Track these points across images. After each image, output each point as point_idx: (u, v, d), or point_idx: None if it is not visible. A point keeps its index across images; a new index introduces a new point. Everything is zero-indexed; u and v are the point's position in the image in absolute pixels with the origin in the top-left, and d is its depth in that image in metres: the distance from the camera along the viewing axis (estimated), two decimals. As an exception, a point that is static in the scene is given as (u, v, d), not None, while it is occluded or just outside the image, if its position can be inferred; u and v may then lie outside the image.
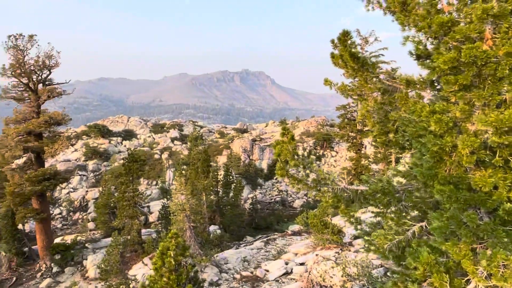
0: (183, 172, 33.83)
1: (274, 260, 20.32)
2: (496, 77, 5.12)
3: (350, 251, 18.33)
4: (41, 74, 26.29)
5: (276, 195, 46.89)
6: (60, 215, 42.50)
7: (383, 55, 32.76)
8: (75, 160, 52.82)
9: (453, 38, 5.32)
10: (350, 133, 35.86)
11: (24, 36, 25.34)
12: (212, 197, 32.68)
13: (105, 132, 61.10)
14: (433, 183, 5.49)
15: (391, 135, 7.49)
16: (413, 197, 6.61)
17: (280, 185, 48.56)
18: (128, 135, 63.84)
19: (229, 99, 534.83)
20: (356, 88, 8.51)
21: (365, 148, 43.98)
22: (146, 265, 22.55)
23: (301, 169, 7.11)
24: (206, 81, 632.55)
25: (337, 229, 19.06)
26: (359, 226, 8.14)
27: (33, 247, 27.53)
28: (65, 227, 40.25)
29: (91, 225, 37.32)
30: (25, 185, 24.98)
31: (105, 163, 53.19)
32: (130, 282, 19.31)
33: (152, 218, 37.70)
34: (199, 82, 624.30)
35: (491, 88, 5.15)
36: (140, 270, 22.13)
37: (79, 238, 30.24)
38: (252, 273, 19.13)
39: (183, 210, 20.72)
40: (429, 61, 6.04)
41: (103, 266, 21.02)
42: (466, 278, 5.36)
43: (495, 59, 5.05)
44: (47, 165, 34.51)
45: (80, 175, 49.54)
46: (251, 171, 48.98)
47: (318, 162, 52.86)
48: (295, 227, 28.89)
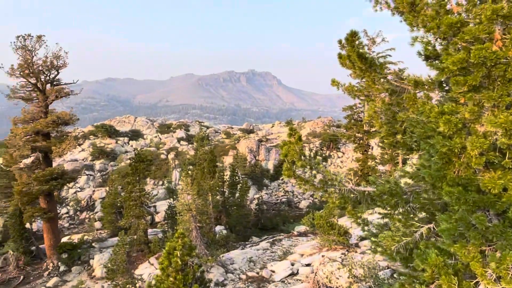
0: (189, 172, 33.93)
1: (280, 260, 20.29)
2: (505, 78, 5.07)
3: (356, 252, 18.25)
4: (49, 74, 26.49)
5: (282, 195, 46.83)
6: (67, 215, 42.81)
7: (390, 55, 32.65)
8: (82, 159, 53.17)
9: (462, 39, 5.28)
10: (356, 134, 35.71)
11: (33, 36, 25.53)
12: (218, 197, 32.74)
13: (112, 132, 61.49)
14: (441, 185, 5.46)
15: (399, 136, 7.45)
16: (421, 198, 6.57)
17: (286, 185, 48.50)
18: (135, 135, 64.19)
19: (235, 100, 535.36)
20: (364, 89, 8.48)
21: (372, 149, 43.75)
22: (152, 264, 22.62)
23: (307, 170, 7.09)
24: (213, 81, 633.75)
25: (344, 230, 18.98)
26: (366, 227, 8.11)
27: (40, 246, 27.71)
28: (72, 226, 40.52)
29: (97, 224, 37.52)
30: (32, 184, 25.17)
31: (112, 163, 53.51)
32: (136, 281, 19.36)
33: (158, 218, 37.84)
34: (205, 82, 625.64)
35: (500, 89, 5.11)
36: (146, 270, 22.20)
37: (86, 237, 30.44)
38: (258, 273, 19.11)
39: (189, 210, 20.76)
40: (438, 62, 6.00)
41: (109, 265, 21.11)
42: (475, 281, 5.31)
43: (504, 60, 5.00)
44: (54, 164, 34.76)
45: (87, 174, 49.87)
46: (257, 171, 48.98)
47: (324, 163, 52.73)
48: (301, 228, 28.84)
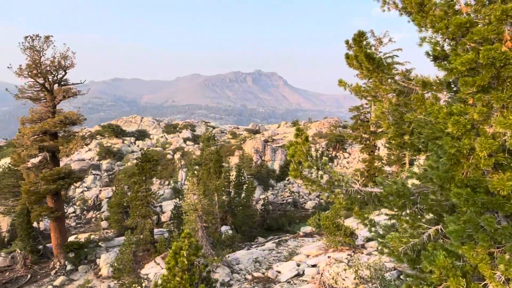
0: (195, 172, 34.02)
1: (286, 261, 20.28)
2: (515, 79, 5.03)
3: (362, 253, 18.19)
4: (56, 74, 26.67)
5: (288, 196, 46.74)
6: (74, 214, 43.08)
7: (397, 56, 32.53)
8: (89, 159, 53.47)
9: (471, 39, 5.24)
10: (363, 135, 35.59)
11: (41, 37, 25.73)
12: (224, 197, 32.75)
13: (118, 132, 61.78)
14: (449, 186, 5.42)
15: (406, 137, 7.40)
16: (429, 199, 6.53)
17: (292, 186, 48.43)
18: (141, 135, 64.45)
19: (241, 100, 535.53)
20: (371, 89, 8.42)
21: (378, 150, 43.61)
22: (158, 264, 22.68)
23: (314, 171, 7.07)
24: (219, 81, 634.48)
25: (350, 231, 18.93)
26: (373, 229, 8.06)
27: (47, 245, 27.92)
28: (79, 225, 40.77)
29: (104, 224, 37.69)
30: (40, 183, 25.35)
31: (118, 162, 53.76)
32: (142, 281, 19.45)
33: (165, 217, 37.96)
34: (211, 82, 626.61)
35: (510, 90, 5.07)
36: (152, 269, 22.27)
37: (92, 236, 30.62)
38: (263, 274, 19.11)
39: (195, 210, 20.80)
40: (446, 62, 5.96)
41: (116, 264, 21.20)
42: (483, 283, 5.27)
43: (514, 61, 4.96)
44: (61, 164, 34.96)
45: (94, 174, 50.15)
46: (263, 172, 48.94)
47: (330, 164, 52.59)
48: (307, 228, 28.77)
